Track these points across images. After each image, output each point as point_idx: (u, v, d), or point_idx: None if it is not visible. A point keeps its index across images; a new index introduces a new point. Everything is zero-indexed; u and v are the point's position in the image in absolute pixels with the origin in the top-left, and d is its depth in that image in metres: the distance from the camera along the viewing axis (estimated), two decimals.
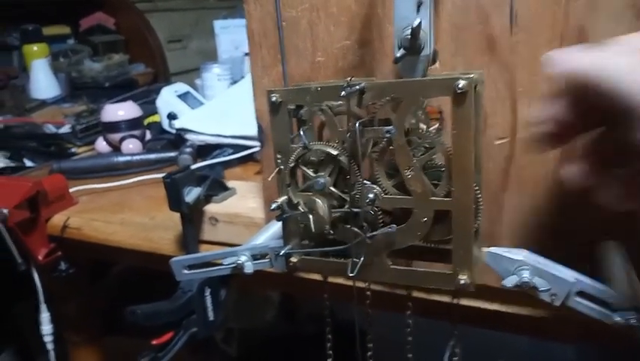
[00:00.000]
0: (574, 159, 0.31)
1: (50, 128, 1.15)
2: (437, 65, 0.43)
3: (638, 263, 0.42)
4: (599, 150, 0.30)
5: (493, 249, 0.35)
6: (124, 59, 1.50)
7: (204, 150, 0.93)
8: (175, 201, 0.58)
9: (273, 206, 0.35)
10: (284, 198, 0.35)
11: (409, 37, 0.31)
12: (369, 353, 0.45)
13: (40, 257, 0.74)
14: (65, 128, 1.17)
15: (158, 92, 1.12)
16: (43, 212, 0.73)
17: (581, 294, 0.35)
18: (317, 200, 0.32)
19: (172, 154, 0.93)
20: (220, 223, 0.62)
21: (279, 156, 0.35)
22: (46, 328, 0.80)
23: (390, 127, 0.31)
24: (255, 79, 0.51)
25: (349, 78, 0.31)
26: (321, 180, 0.33)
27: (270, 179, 0.37)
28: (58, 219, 0.74)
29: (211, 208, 0.62)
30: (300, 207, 0.34)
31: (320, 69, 0.48)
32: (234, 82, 1.15)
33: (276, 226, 0.47)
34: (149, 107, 1.13)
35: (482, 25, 0.41)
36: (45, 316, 0.80)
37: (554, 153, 0.42)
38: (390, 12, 0.43)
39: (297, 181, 0.36)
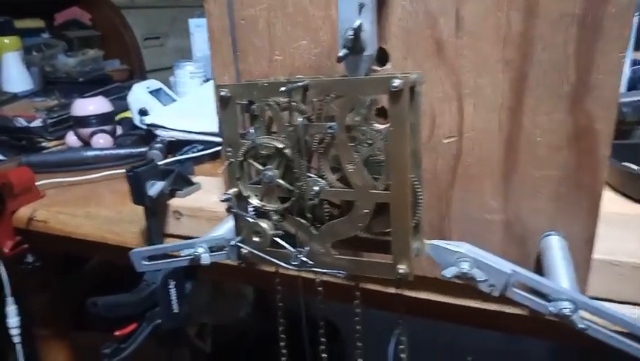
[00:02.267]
0: None
1: (21, 122, 1.14)
2: (389, 66, 0.45)
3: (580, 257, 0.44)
4: None
5: (434, 241, 0.37)
6: (99, 54, 1.49)
7: (175, 146, 0.94)
8: (138, 194, 0.59)
9: (223, 198, 0.36)
10: (234, 190, 0.36)
11: (352, 37, 0.33)
12: (322, 347, 0.47)
13: (5, 249, 0.74)
14: (36, 123, 1.16)
15: (131, 88, 1.12)
16: (9, 204, 0.73)
17: (520, 286, 0.37)
18: (261, 223, 0.34)
19: (142, 149, 0.93)
20: (184, 217, 0.63)
21: (228, 150, 0.37)
22: (13, 321, 0.80)
23: (333, 123, 0.33)
24: (216, 76, 0.52)
25: (298, 77, 0.33)
26: (269, 173, 0.35)
27: (219, 171, 0.38)
28: (24, 212, 0.74)
29: (175, 202, 0.63)
30: (250, 200, 0.36)
31: (277, 67, 0.49)
32: (207, 80, 1.16)
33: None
34: (122, 103, 1.13)
35: (430, 29, 0.43)
36: (11, 309, 0.80)
37: (499, 151, 0.44)
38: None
39: (249, 174, 0.38)
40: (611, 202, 0.59)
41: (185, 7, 1.88)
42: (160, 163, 0.87)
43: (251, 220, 0.34)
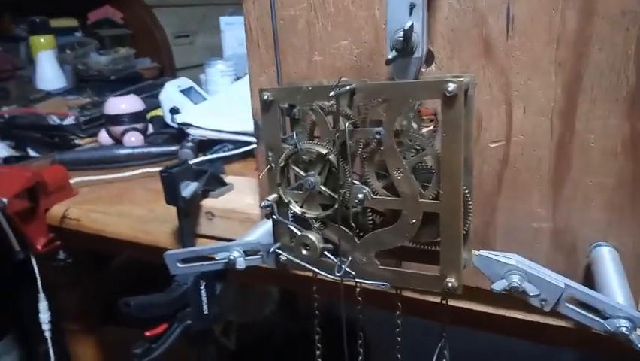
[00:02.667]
0: None
1: (54, 120, 1.15)
2: (433, 67, 0.43)
3: (634, 270, 0.42)
4: None
5: (483, 252, 0.35)
6: (130, 52, 1.50)
7: (205, 145, 0.93)
8: (171, 195, 0.58)
9: (263, 204, 0.35)
10: (274, 196, 0.35)
11: (401, 39, 0.31)
12: (360, 351, 0.45)
13: (38, 246, 0.75)
14: (69, 120, 1.17)
15: (162, 86, 1.12)
16: (43, 202, 0.74)
17: (572, 300, 0.35)
18: (311, 236, 0.33)
19: (173, 148, 0.93)
20: (216, 218, 0.62)
21: (270, 154, 0.35)
22: (44, 316, 0.81)
23: (380, 128, 0.31)
24: (253, 77, 0.51)
25: (339, 78, 0.31)
26: (311, 179, 0.33)
27: (260, 177, 0.37)
28: (57, 210, 0.75)
29: (208, 203, 0.63)
30: (291, 206, 0.35)
31: (317, 69, 0.48)
32: (238, 78, 1.16)
33: (270, 223, 0.47)
34: (153, 101, 1.14)
35: (479, 28, 0.41)
36: (43, 304, 0.81)
37: (549, 157, 0.42)
38: (386, 13, 0.43)
39: (288, 179, 0.37)
40: None
41: (215, 4, 1.88)
42: (190, 162, 0.87)
43: (300, 232, 0.33)
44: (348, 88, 0.31)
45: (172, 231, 0.65)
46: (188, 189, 0.58)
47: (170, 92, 1.03)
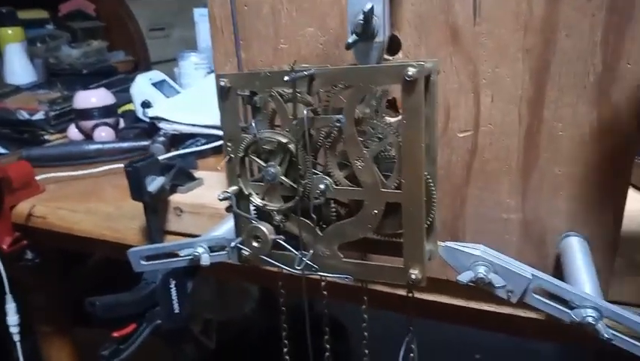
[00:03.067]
0: None
1: (23, 115, 1.12)
2: (400, 55, 0.42)
3: (602, 260, 0.41)
4: None
5: (449, 243, 0.34)
6: (103, 45, 1.47)
7: (178, 140, 0.91)
8: (137, 190, 0.57)
9: (221, 196, 0.33)
10: (234, 188, 0.33)
11: (361, 22, 0.30)
12: (327, 346, 0.44)
13: (4, 246, 0.72)
14: (39, 115, 1.14)
15: (134, 80, 1.10)
16: (7, 199, 0.71)
17: (540, 291, 0.35)
18: (261, 227, 0.31)
19: (144, 143, 0.91)
20: (185, 214, 0.61)
21: (229, 144, 0.34)
22: (12, 319, 0.78)
23: (340, 116, 0.30)
24: (217, 65, 0.50)
25: (294, 62, 0.30)
26: (272, 170, 0.32)
27: (219, 168, 0.36)
28: (23, 207, 0.72)
29: (176, 198, 0.61)
30: (252, 198, 0.33)
31: (283, 56, 0.46)
32: (212, 71, 1.13)
33: None
34: (125, 96, 1.11)
35: (445, 14, 0.40)
36: (11, 306, 0.78)
37: (518, 147, 0.41)
38: None
39: (251, 171, 0.35)
40: (635, 201, 0.56)
41: None
42: (162, 157, 0.85)
43: (251, 224, 0.32)
44: (305, 73, 0.29)
45: (140, 228, 0.63)
46: (154, 183, 0.57)
47: (142, 86, 1.01)
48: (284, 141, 0.32)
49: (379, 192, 0.30)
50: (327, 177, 0.32)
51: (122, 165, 0.82)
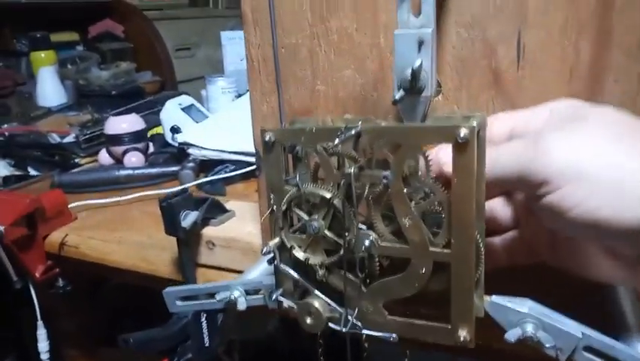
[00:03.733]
0: None
1: (55, 138, 1.14)
2: (440, 97, 0.41)
3: None
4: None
5: (495, 298, 0.33)
6: (131, 67, 1.50)
7: (207, 165, 0.92)
8: (171, 225, 0.57)
9: (264, 250, 0.33)
10: (276, 241, 0.33)
11: (409, 78, 0.30)
12: None
13: (37, 274, 0.73)
14: (69, 138, 1.17)
15: (163, 102, 1.11)
16: (41, 229, 0.72)
17: (589, 349, 0.33)
18: (314, 303, 0.31)
19: (174, 168, 0.92)
20: (217, 248, 0.60)
21: (272, 196, 0.34)
22: (43, 345, 0.79)
23: (387, 173, 0.30)
24: (254, 105, 0.50)
25: (346, 117, 0.30)
26: (315, 224, 0.32)
27: (262, 220, 0.35)
28: (56, 237, 0.73)
29: (208, 232, 0.61)
30: (294, 252, 0.33)
31: (320, 98, 0.46)
32: (239, 95, 1.14)
33: None
34: (154, 118, 1.13)
35: (488, 58, 0.39)
36: (42, 333, 0.79)
37: None
38: (392, 42, 0.42)
39: (291, 219, 0.35)
40: None
41: (216, 16, 1.88)
42: (191, 184, 0.85)
43: (301, 301, 0.32)
44: (354, 132, 0.29)
45: (172, 259, 0.63)
46: (188, 219, 0.57)
47: (171, 111, 1.02)
48: (328, 196, 0.31)
49: (427, 251, 0.29)
50: (372, 233, 0.31)
51: (151, 193, 0.83)
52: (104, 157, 1.01)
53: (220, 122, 1.00)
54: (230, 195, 0.83)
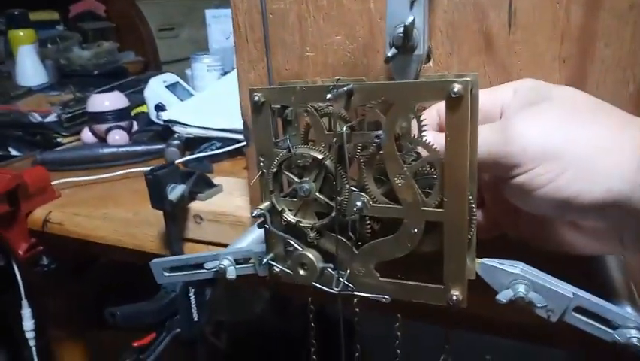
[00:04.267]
0: None
1: (36, 117, 1.11)
2: (431, 63, 0.41)
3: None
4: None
5: (486, 260, 0.33)
6: (113, 46, 1.46)
7: (192, 143, 0.91)
8: (157, 198, 0.56)
9: (255, 213, 0.33)
10: (267, 204, 0.33)
11: (401, 35, 0.29)
12: (357, 354, 0.43)
13: (20, 252, 0.72)
14: (51, 117, 1.14)
15: (147, 81, 1.09)
16: (24, 206, 0.71)
17: (580, 309, 0.34)
18: (309, 255, 0.30)
19: (159, 146, 0.90)
20: (205, 222, 0.60)
21: (261, 159, 0.33)
22: (28, 324, 0.78)
23: (380, 132, 0.29)
24: (241, 73, 0.49)
25: (336, 78, 0.29)
26: (306, 186, 0.31)
27: (251, 183, 0.35)
28: (39, 213, 0.72)
29: (196, 206, 0.60)
30: (284, 215, 0.32)
31: (309, 65, 0.45)
32: (225, 73, 1.13)
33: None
34: (138, 97, 1.11)
35: (479, 22, 0.39)
36: (26, 312, 0.78)
37: None
38: (382, 7, 0.41)
39: (281, 185, 0.34)
40: None
41: None
42: (177, 161, 0.84)
43: (297, 247, 0.31)
44: (345, 89, 0.28)
45: (159, 235, 0.63)
46: (175, 192, 0.56)
47: (156, 89, 1.00)
48: (320, 157, 0.31)
49: (420, 210, 0.29)
50: (363, 194, 0.31)
51: (136, 170, 0.82)
52: (87, 136, 0.99)
53: (206, 100, 0.98)
54: (217, 173, 0.82)
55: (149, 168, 0.56)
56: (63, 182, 0.78)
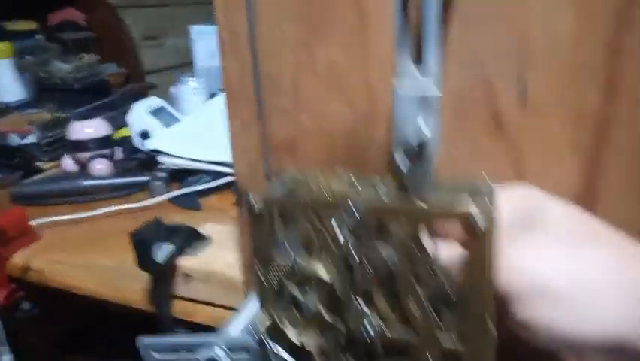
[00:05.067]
0: None
1: (14, 140, 1.07)
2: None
3: None
4: None
5: None
6: (94, 59, 1.41)
7: (178, 174, 0.88)
8: (143, 260, 0.53)
9: (256, 338, 0.30)
10: (267, 324, 0.30)
11: (416, 149, 0.27)
12: None
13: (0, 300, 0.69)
14: (30, 138, 1.10)
15: (130, 100, 1.06)
16: (2, 251, 0.67)
17: None
18: None
19: (144, 178, 0.87)
20: (195, 281, 0.57)
21: (259, 267, 0.31)
22: None
23: (391, 252, 0.27)
24: (233, 137, 0.46)
25: (338, 172, 0.27)
26: (310, 305, 0.29)
27: (246, 291, 0.32)
28: (19, 259, 0.68)
29: (185, 263, 0.57)
30: (287, 333, 0.30)
31: (305, 131, 0.43)
32: (211, 94, 1.09)
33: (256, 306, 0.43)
34: (120, 118, 1.07)
35: (488, 100, 0.37)
36: (6, 358, 0.74)
37: None
38: (386, 78, 0.39)
39: (282, 291, 0.32)
40: None
41: (184, 4, 1.80)
42: (163, 197, 0.81)
43: None
44: (356, 213, 0.26)
45: (145, 290, 0.60)
46: (162, 252, 0.53)
47: (140, 115, 0.96)
48: (324, 277, 0.28)
49: (436, 339, 0.27)
50: (374, 317, 0.28)
51: (122, 207, 0.78)
52: (67, 163, 0.95)
53: (191, 127, 0.95)
54: (205, 210, 0.79)
55: (133, 206, 0.53)
56: (43, 222, 0.75)
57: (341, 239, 0.28)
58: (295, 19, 0.40)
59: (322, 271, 0.28)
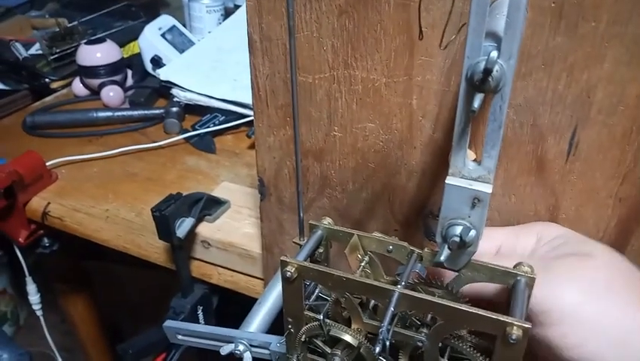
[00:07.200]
0: None
1: (19, 50, 1.02)
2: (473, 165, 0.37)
3: None
4: None
5: None
6: None
7: (192, 108, 0.85)
8: (165, 234, 0.54)
9: None
10: None
11: (458, 240, 0.26)
12: None
13: (21, 240, 0.71)
14: (35, 48, 1.05)
15: (139, 7, 0.99)
16: (21, 197, 0.68)
17: None
18: None
19: (157, 111, 0.85)
20: (213, 248, 0.58)
21: (289, 320, 0.31)
22: (34, 298, 0.79)
23: (423, 338, 0.27)
24: (259, 136, 0.44)
25: (375, 235, 0.26)
26: None
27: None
28: (37, 204, 0.69)
29: (203, 231, 0.58)
30: None
31: (335, 144, 0.41)
32: (226, 12, 1.03)
33: (277, 292, 0.44)
34: (129, 31, 1.02)
35: (535, 144, 0.35)
36: (32, 287, 0.79)
37: None
38: (425, 105, 0.36)
39: (308, 343, 0.33)
40: None
41: None
42: (178, 138, 0.80)
43: None
44: (394, 302, 0.26)
45: (165, 249, 0.61)
46: (183, 227, 0.54)
47: (151, 39, 0.92)
48: (354, 344, 0.29)
49: None
50: None
51: (134, 147, 0.77)
52: (78, 88, 0.93)
53: (206, 53, 0.90)
54: (218, 152, 0.78)
55: (146, 146, 0.51)
56: (59, 162, 0.75)
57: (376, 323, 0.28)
58: (337, 35, 0.36)
59: (353, 340, 0.29)
